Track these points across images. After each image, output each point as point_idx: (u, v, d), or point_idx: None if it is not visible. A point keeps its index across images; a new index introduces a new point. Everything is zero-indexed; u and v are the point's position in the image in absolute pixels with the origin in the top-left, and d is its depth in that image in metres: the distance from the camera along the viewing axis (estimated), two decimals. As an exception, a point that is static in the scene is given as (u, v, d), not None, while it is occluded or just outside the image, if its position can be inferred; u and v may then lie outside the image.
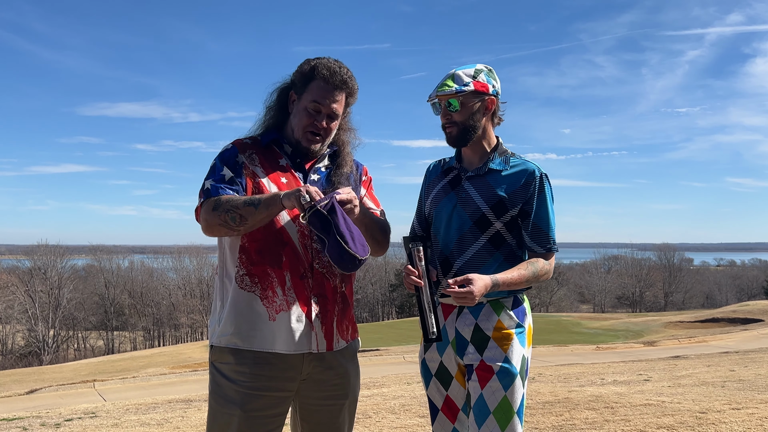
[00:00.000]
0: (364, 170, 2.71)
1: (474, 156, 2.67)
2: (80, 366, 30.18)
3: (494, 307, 2.57)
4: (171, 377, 15.68)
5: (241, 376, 2.36)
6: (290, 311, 2.37)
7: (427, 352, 2.68)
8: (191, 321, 56.73)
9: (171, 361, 28.38)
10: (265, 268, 2.38)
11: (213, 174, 2.42)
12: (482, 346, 2.53)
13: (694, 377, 8.97)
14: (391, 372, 12.93)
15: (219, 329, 2.43)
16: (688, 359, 13.12)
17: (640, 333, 35.35)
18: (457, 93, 2.55)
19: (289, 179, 2.46)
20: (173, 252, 65.22)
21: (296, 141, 2.48)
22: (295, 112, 2.50)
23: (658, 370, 10.32)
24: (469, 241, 2.57)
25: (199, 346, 34.57)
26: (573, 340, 29.61)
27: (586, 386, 8.14)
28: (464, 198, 2.60)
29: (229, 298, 2.41)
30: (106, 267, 61.25)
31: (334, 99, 2.45)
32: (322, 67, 2.44)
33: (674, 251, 76.78)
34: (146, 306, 58.08)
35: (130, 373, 21.87)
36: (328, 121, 2.47)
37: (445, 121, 2.61)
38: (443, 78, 2.61)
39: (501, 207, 2.55)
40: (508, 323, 2.55)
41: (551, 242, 2.60)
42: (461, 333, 2.57)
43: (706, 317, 37.89)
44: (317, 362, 2.44)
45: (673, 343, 21.02)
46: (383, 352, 21.36)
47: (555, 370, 11.53)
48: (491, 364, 2.49)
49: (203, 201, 2.38)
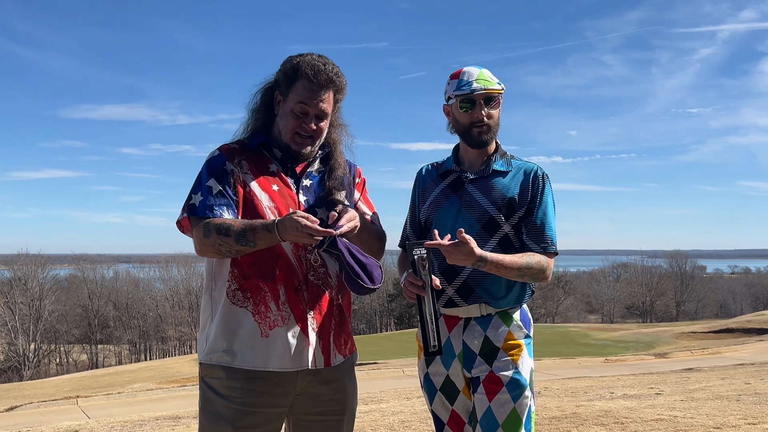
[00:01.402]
0: (358, 171, 2.70)
1: (477, 158, 2.69)
2: (63, 381, 30.10)
3: (503, 318, 2.58)
4: (158, 393, 15.64)
5: (233, 391, 2.35)
6: (285, 326, 2.36)
7: (430, 366, 2.68)
8: (179, 334, 56.58)
9: (158, 375, 28.31)
10: (257, 281, 2.37)
11: (199, 186, 2.40)
12: (492, 357, 2.54)
13: (708, 391, 8.97)
14: (389, 386, 12.92)
15: (208, 346, 2.42)
16: (701, 372, 13.13)
17: (650, 344, 35.38)
18: (501, 89, 2.61)
19: (280, 186, 2.45)
20: (160, 261, 65.07)
21: (285, 145, 2.47)
22: (281, 114, 2.48)
23: (669, 384, 10.33)
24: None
25: (188, 360, 34.50)
26: (580, 352, 29.61)
27: (594, 400, 8.14)
28: (469, 201, 2.61)
29: (219, 313, 2.40)
30: (89, 277, 61.09)
31: (321, 98, 2.42)
32: (305, 66, 2.40)
33: (686, 258, 76.85)
34: (132, 318, 57.92)
35: (116, 388, 21.82)
36: (316, 122, 2.45)
37: (480, 119, 2.60)
38: (470, 73, 2.61)
39: (509, 209, 2.57)
40: (517, 334, 2.58)
41: (549, 241, 2.59)
42: (469, 346, 2.58)
43: (720, 327, 37.94)
44: (313, 376, 2.43)
45: (686, 354, 21.03)
46: (381, 365, 21.34)
47: (562, 383, 11.53)
48: (500, 374, 2.50)
49: (193, 222, 2.37)
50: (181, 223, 2.45)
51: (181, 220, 2.44)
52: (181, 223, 2.46)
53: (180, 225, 2.47)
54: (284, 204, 2.43)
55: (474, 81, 2.58)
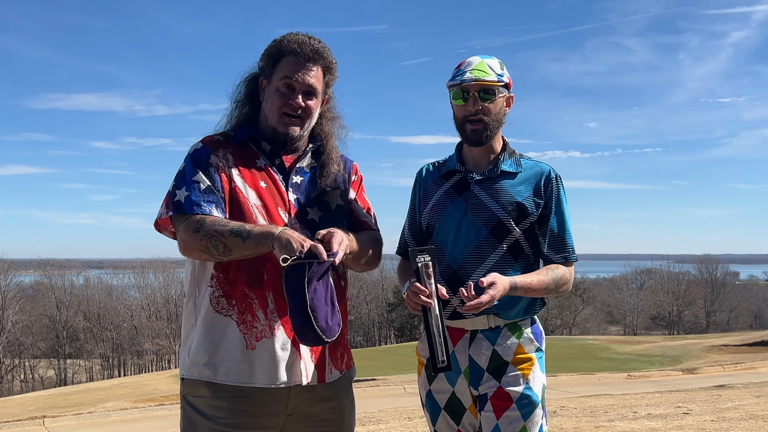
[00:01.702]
0: (354, 168, 2.70)
1: (482, 157, 2.70)
2: (28, 400, 30.08)
3: (512, 330, 2.60)
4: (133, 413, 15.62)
5: (218, 411, 2.35)
6: (273, 338, 2.36)
7: (433, 382, 2.68)
8: (157, 347, 56.59)
9: (133, 393, 28.30)
10: (243, 288, 2.36)
11: (184, 181, 2.39)
12: (500, 372, 2.56)
13: (741, 410, 8.98)
14: (389, 405, 12.91)
15: (190, 359, 2.41)
16: (733, 389, 13.13)
17: (678, 359, 35.38)
18: (498, 81, 2.60)
19: (268, 183, 2.45)
20: (136, 267, 65.09)
21: (272, 129, 2.47)
22: (266, 97, 2.49)
23: (699, 402, 10.33)
24: (485, 252, 2.59)
25: (166, 377, 34.47)
26: (601, 367, 29.59)
27: (615, 421, 8.14)
28: (475, 204, 2.62)
29: (201, 322, 2.40)
30: (57, 284, 61.08)
31: (308, 71, 2.44)
32: (289, 42, 2.44)
33: (717, 263, 76.88)
34: (104, 330, 57.91)
35: (86, 407, 21.81)
36: (305, 98, 2.45)
37: (473, 112, 2.61)
38: (468, 62, 2.62)
39: (520, 212, 2.59)
40: (528, 348, 2.61)
41: (569, 250, 2.66)
42: (476, 361, 2.59)
43: (754, 340, 37.96)
44: (306, 394, 2.43)
45: (717, 370, 21.05)
46: (380, 381, 21.32)
47: (580, 402, 11.53)
48: (510, 390, 2.52)
49: (179, 219, 2.35)
50: (159, 222, 2.44)
51: (162, 219, 2.41)
52: (159, 222, 2.44)
53: (158, 224, 2.45)
54: (273, 202, 2.43)
55: (468, 71, 2.59)
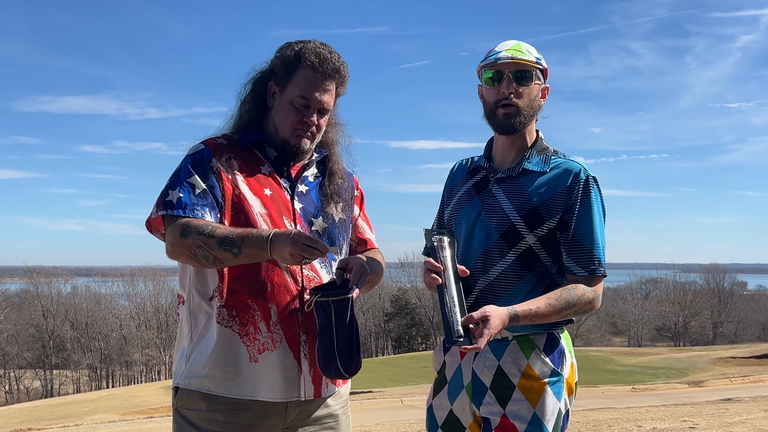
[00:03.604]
0: (355, 182, 2.70)
1: (509, 152, 2.55)
2: (12, 412, 29.99)
3: (522, 345, 2.43)
4: (122, 425, 15.60)
5: (213, 425, 2.34)
6: (276, 351, 2.35)
7: (435, 397, 2.57)
8: (146, 358, 56.44)
9: (122, 405, 28.22)
10: (245, 298, 2.35)
11: (178, 181, 2.37)
12: (505, 396, 2.39)
13: (749, 424, 8.97)
14: (386, 419, 12.90)
15: (187, 369, 2.40)
16: (741, 402, 13.13)
17: (684, 371, 35.37)
18: (536, 62, 2.49)
19: (273, 191, 2.45)
20: (125, 274, 64.95)
21: (282, 141, 2.46)
22: (277, 107, 2.47)
23: (705, 416, 10.33)
24: (493, 259, 2.45)
25: (156, 388, 34.39)
26: (604, 380, 29.58)
27: (620, 435, 8.13)
28: (491, 204, 2.49)
29: (200, 333, 2.39)
30: (44, 292, 60.91)
31: (325, 90, 2.44)
32: (309, 53, 2.41)
33: (725, 273, 76.89)
34: (92, 340, 57.75)
35: (73, 420, 21.76)
36: (318, 116, 2.46)
37: (506, 95, 2.46)
38: (504, 44, 2.51)
39: (535, 216, 2.42)
40: (540, 369, 2.42)
41: (596, 263, 2.44)
42: (479, 376, 2.44)
43: (762, 352, 37.95)
44: (303, 408, 2.42)
45: (724, 383, 21.05)
46: (377, 394, 21.31)
47: (582, 415, 11.52)
48: (515, 422, 2.37)
49: (169, 220, 2.33)
50: (151, 222, 2.42)
51: (153, 218, 2.40)
52: (151, 223, 2.42)
53: (149, 224, 2.44)
54: (277, 211, 2.42)
55: (504, 50, 2.47)
